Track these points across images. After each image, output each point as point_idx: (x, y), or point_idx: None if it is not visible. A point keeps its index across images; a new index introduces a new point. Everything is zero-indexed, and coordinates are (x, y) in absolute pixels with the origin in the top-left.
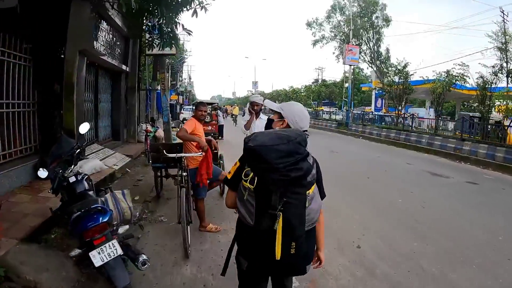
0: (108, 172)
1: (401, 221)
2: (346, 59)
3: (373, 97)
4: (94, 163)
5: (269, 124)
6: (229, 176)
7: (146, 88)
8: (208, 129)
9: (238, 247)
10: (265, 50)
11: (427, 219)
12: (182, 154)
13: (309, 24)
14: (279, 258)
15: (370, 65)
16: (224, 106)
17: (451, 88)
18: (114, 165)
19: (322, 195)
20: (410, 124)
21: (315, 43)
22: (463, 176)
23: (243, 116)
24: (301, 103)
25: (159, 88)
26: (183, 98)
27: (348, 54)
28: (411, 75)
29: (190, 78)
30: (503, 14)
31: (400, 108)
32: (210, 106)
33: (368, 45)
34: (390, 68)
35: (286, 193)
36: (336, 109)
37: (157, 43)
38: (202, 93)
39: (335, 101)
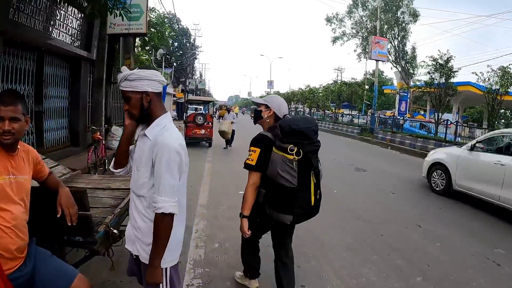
0: None
1: None
2: (372, 53)
3: (397, 100)
4: None
5: (256, 114)
6: (253, 163)
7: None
8: (201, 133)
9: (275, 208)
10: (282, 48)
11: None
12: None
13: (328, 20)
14: (313, 204)
15: (394, 65)
16: (230, 106)
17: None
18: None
19: None
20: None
21: (335, 40)
22: None
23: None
24: (319, 104)
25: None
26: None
27: (374, 48)
28: (455, 71)
29: (201, 76)
30: None
31: (439, 113)
32: (204, 106)
33: (392, 43)
34: (428, 62)
35: (316, 158)
36: (357, 113)
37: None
38: (220, 93)
39: (355, 103)
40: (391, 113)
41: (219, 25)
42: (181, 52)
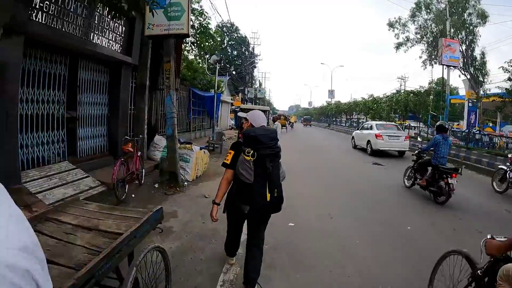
0: None
1: None
2: (442, 58)
3: (466, 111)
4: None
5: (241, 125)
6: (228, 162)
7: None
8: None
9: (238, 199)
10: (343, 56)
11: None
12: None
13: (391, 25)
14: (269, 200)
15: (462, 72)
16: (289, 116)
17: None
18: (55, 202)
19: None
20: None
21: (398, 46)
22: None
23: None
24: (382, 115)
25: (212, 91)
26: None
27: (445, 51)
28: None
29: (260, 85)
30: None
31: None
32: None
33: (460, 48)
34: (508, 68)
35: (272, 161)
36: (423, 125)
37: None
38: (280, 103)
39: (419, 114)
40: (458, 124)
41: (278, 34)
42: (240, 60)
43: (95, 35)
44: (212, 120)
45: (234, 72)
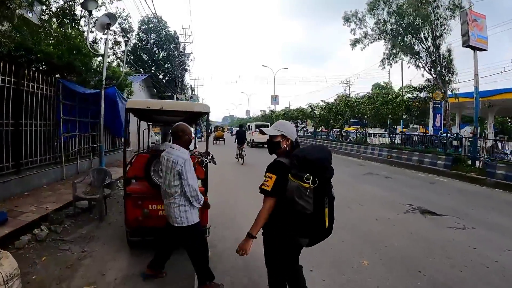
0: None
1: None
2: (470, 37)
3: (431, 113)
4: None
5: (274, 146)
6: (269, 189)
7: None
8: None
9: (296, 233)
10: (285, 59)
11: None
12: None
13: (347, 19)
14: (327, 227)
15: (428, 70)
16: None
17: None
18: None
19: None
20: None
21: (354, 43)
22: None
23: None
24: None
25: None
26: None
27: (472, 28)
28: None
29: (193, 91)
30: None
31: None
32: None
33: (424, 45)
34: None
35: (329, 184)
36: (448, 133)
37: None
38: (214, 114)
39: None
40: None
41: (212, 39)
42: (169, 62)
43: None
44: (117, 138)
45: (161, 76)
